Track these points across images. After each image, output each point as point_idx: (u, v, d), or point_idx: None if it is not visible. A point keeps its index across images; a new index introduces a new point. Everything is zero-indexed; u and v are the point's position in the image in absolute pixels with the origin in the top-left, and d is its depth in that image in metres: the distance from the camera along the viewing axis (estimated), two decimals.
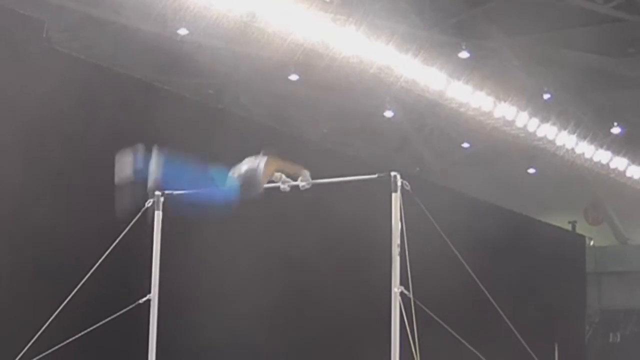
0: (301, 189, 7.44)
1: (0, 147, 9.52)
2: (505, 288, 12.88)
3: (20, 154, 9.58)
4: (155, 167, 7.04)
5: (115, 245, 7.97)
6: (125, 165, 7.10)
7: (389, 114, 23.69)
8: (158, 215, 8.02)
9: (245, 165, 7.42)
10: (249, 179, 7.34)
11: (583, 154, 22.86)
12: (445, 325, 7.58)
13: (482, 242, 15.16)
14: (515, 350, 8.85)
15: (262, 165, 7.35)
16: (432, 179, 22.05)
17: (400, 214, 6.94)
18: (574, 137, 22.43)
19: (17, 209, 9.50)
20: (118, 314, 8.00)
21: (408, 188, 7.07)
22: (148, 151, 7.11)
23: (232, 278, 11.51)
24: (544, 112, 21.86)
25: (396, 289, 6.82)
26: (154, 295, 7.92)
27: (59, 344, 7.90)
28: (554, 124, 21.90)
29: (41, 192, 9.86)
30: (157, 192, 8.06)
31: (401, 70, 18.64)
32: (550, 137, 21.92)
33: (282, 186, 7.65)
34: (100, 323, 8.01)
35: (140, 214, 7.94)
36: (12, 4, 12.26)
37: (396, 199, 7.00)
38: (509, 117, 20.86)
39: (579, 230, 24.04)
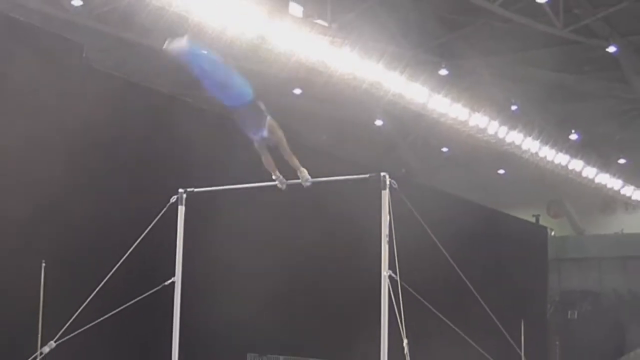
0: (304, 185, 7.37)
1: (45, 152, 9.54)
2: (479, 272, 12.85)
3: (63, 158, 9.58)
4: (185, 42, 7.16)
5: (145, 235, 7.97)
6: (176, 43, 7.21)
7: (379, 123, 23.76)
8: (181, 210, 8.01)
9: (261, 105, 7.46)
10: (258, 114, 7.47)
11: (545, 157, 22.88)
12: (427, 304, 7.58)
13: (459, 233, 15.10)
14: (488, 326, 8.85)
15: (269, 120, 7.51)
16: (416, 178, 22.05)
17: (389, 209, 6.94)
18: (537, 143, 22.45)
19: (60, 206, 9.51)
20: (147, 294, 8.00)
21: (395, 186, 7.06)
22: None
23: (243, 264, 11.51)
24: (512, 121, 21.88)
25: (385, 272, 6.83)
26: (177, 278, 7.92)
27: (96, 319, 7.92)
28: (520, 131, 21.92)
29: (80, 190, 9.87)
30: (180, 190, 8.03)
31: (389, 86, 18.66)
32: (517, 142, 21.95)
33: (279, 185, 7.46)
34: (132, 302, 8.02)
35: (165, 208, 7.94)
36: (56, 29, 12.30)
37: (385, 195, 7.00)
38: (482, 126, 20.89)
39: (542, 223, 24.05)
